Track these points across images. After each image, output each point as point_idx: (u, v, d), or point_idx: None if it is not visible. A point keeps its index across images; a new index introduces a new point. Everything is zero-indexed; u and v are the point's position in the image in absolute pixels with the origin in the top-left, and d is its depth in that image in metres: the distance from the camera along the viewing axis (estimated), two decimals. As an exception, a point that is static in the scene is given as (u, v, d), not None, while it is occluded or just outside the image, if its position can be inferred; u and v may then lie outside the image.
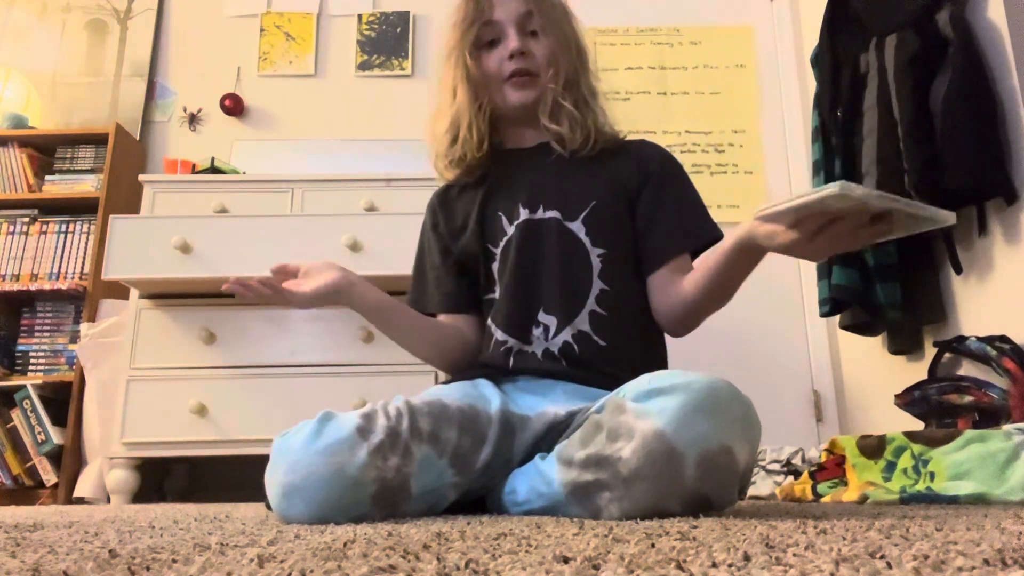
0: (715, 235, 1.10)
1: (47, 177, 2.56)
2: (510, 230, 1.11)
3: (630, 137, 1.20)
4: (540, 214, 1.10)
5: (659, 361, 1.12)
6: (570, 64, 1.14)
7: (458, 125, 1.13)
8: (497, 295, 1.12)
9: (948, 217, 0.77)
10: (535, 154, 1.16)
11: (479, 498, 0.95)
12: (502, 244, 1.12)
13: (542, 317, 1.06)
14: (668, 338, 1.14)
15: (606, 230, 1.09)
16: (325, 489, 0.79)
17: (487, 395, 0.98)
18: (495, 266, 1.13)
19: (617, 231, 1.09)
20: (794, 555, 0.39)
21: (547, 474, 0.84)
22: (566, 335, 1.04)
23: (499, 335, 1.09)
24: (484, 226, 1.13)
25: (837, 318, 2.18)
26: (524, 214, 1.11)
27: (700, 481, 0.72)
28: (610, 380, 0.93)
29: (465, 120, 1.12)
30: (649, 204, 1.11)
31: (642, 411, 0.75)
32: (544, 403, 0.98)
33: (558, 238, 1.08)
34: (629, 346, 1.05)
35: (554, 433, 0.95)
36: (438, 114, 1.17)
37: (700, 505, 0.74)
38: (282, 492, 0.81)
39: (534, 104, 1.13)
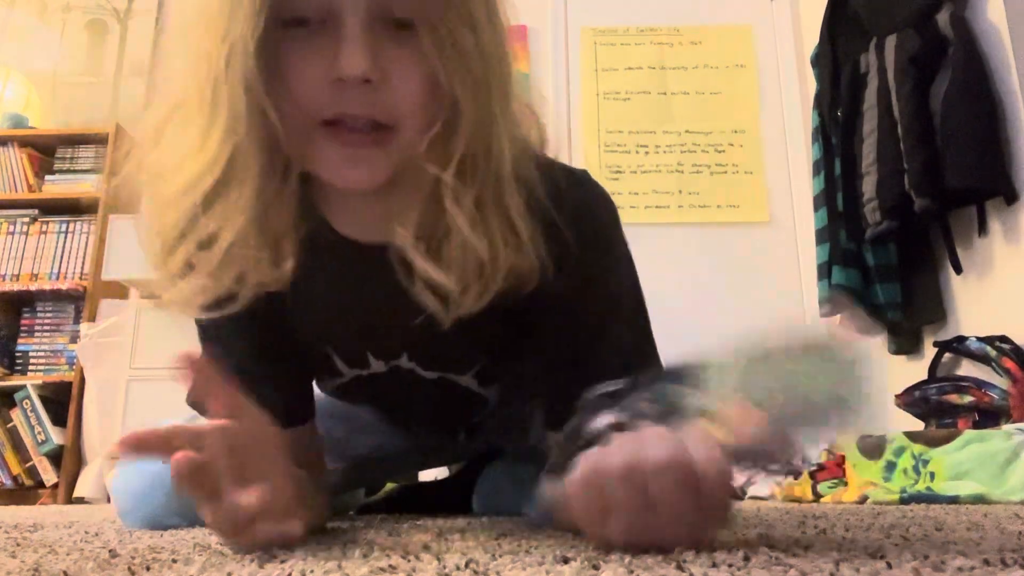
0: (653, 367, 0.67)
1: (47, 177, 2.56)
2: (347, 374, 0.75)
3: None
4: (402, 362, 0.73)
5: None
6: (481, 99, 0.54)
7: (223, 213, 0.55)
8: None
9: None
10: (381, 259, 0.59)
11: (467, 496, 0.95)
12: (336, 382, 0.77)
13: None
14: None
15: (503, 372, 0.76)
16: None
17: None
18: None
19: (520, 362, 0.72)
20: (794, 555, 0.39)
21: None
22: None
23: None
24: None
25: (837, 318, 2.18)
26: (372, 363, 0.73)
27: None
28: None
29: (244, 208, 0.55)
30: (558, 332, 0.66)
31: None
32: None
33: (430, 388, 0.74)
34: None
35: None
36: (174, 167, 0.56)
37: None
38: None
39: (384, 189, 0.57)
